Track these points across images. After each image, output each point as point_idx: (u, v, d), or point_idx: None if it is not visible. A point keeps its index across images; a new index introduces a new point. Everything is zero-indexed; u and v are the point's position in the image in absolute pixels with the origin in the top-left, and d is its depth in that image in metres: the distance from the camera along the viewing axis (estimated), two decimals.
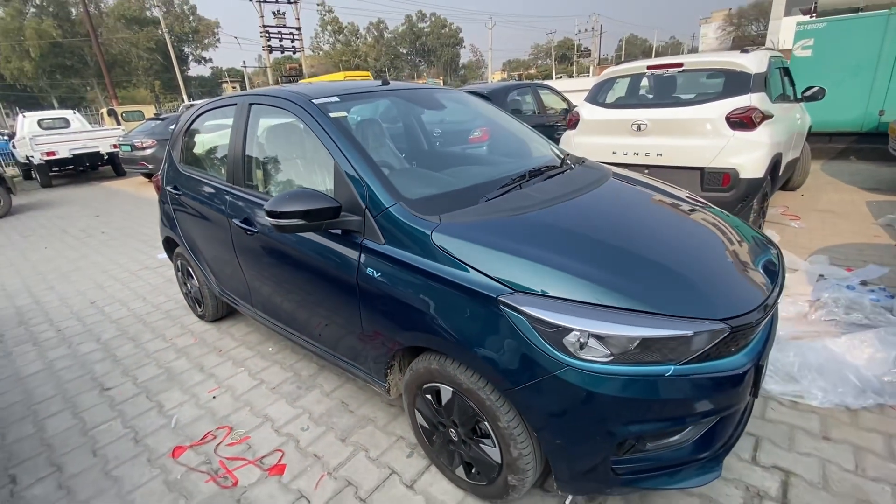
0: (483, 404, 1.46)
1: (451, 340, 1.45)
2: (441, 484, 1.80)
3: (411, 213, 1.61)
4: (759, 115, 3.35)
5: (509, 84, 6.50)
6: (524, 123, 2.76)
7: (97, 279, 4.49)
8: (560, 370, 1.27)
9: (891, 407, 2.02)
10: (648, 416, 1.30)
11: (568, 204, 1.74)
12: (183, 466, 2.01)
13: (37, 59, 38.22)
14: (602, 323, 1.25)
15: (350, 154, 1.77)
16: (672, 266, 1.43)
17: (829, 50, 7.00)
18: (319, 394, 2.43)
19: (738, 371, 1.34)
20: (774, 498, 1.64)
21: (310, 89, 2.15)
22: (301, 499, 1.79)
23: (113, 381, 2.72)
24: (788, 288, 3.12)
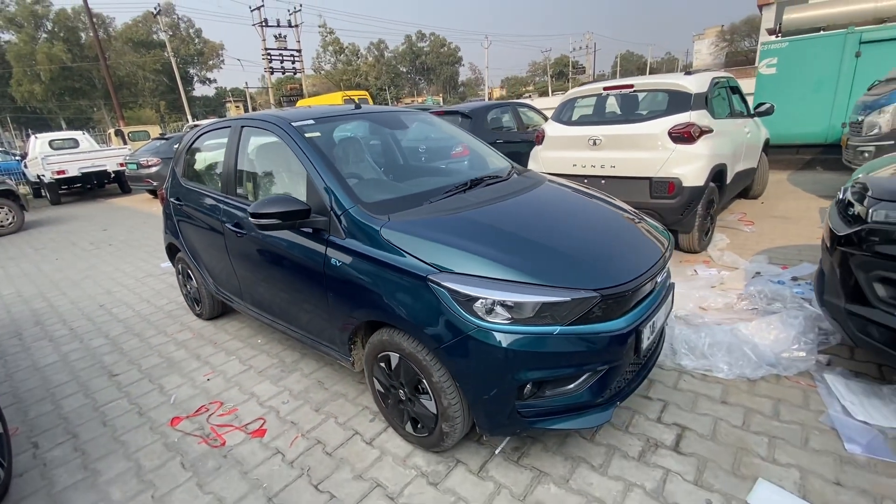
0: (421, 364, 1.81)
1: (395, 313, 1.82)
2: (395, 441, 2.15)
3: (366, 213, 2.00)
4: (697, 129, 3.75)
5: (490, 103, 6.96)
6: (480, 140, 3.15)
7: (105, 285, 4.87)
8: (472, 330, 1.64)
9: (786, 377, 2.36)
10: (542, 366, 1.66)
11: (494, 205, 2.13)
12: (180, 432, 2.36)
13: (47, 82, 39.41)
14: (501, 292, 1.62)
15: (319, 167, 2.17)
16: (561, 249, 1.81)
17: (792, 67, 7.46)
18: (300, 375, 2.78)
19: (617, 332, 1.70)
20: (668, 447, 1.97)
21: (291, 114, 2.56)
22: (277, 454, 2.14)
23: (120, 368, 3.08)
24: (725, 283, 3.49)
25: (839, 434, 1.95)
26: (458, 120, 6.39)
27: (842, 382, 2.21)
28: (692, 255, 4.18)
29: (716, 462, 1.87)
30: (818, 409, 2.12)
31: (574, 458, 1.95)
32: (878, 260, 1.88)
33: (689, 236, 4.04)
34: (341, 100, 16.56)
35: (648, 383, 2.41)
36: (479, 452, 2.03)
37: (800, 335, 2.51)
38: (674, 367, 2.51)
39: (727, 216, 5.33)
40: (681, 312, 3.04)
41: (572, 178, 4.33)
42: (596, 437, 2.06)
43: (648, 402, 2.27)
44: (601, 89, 4.46)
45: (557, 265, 1.74)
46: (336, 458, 2.08)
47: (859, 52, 6.89)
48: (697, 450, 1.94)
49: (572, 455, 1.97)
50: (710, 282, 3.50)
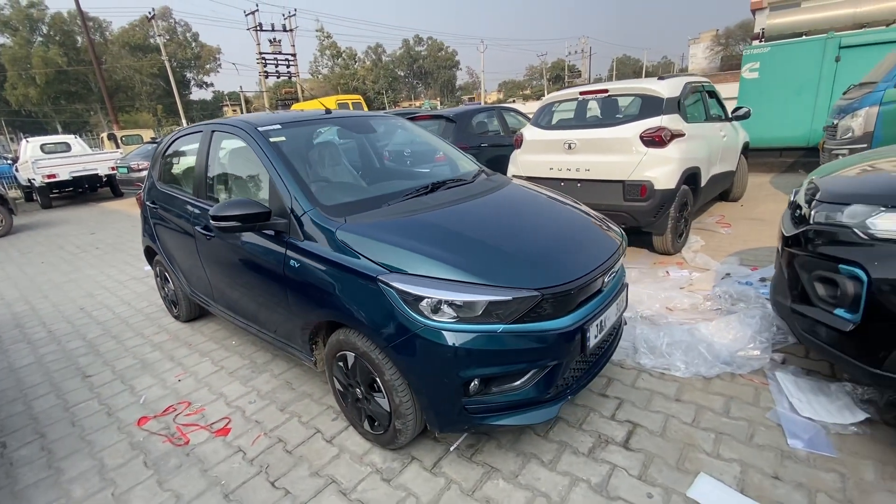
0: (374, 363, 1.86)
1: (348, 313, 1.87)
2: (354, 438, 2.19)
3: (324, 215, 2.04)
4: (668, 133, 3.82)
5: (474, 108, 7.02)
6: (450, 143, 3.20)
7: (88, 288, 4.91)
8: (419, 329, 1.68)
9: (741, 375, 2.41)
10: (486, 363, 1.70)
11: (451, 208, 2.18)
12: (146, 432, 2.40)
13: (42, 86, 39.41)
14: (445, 292, 1.67)
15: (280, 170, 2.22)
16: (508, 249, 1.87)
17: (774, 72, 7.56)
18: (269, 376, 2.82)
19: (561, 330, 1.75)
20: (619, 443, 2.02)
21: (258, 118, 2.61)
22: (239, 452, 2.18)
23: (94, 370, 3.12)
24: (694, 284, 3.54)
25: (783, 430, 2.00)
26: (443, 124, 6.45)
27: (791, 380, 2.26)
28: (667, 256, 4.24)
29: (662, 457, 1.91)
30: (767, 405, 2.17)
31: (526, 454, 2.00)
32: (818, 260, 1.93)
33: (663, 238, 4.10)
34: (335, 104, 16.66)
35: (607, 381, 2.47)
36: (434, 449, 2.07)
37: (756, 334, 2.56)
38: (634, 366, 2.57)
39: (706, 218, 5.40)
40: (647, 313, 3.09)
41: (549, 182, 4.42)
42: (549, 434, 2.11)
43: (605, 400, 2.32)
44: (578, 94, 4.53)
45: (502, 265, 1.79)
46: (295, 455, 2.12)
47: (839, 56, 7.00)
48: (646, 446, 1.99)
49: (524, 451, 2.01)
50: (680, 283, 3.56)
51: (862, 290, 1.71)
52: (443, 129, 6.41)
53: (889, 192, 1.82)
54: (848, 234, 1.82)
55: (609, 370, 2.56)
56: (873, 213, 1.78)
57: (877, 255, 1.69)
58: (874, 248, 1.72)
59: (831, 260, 1.86)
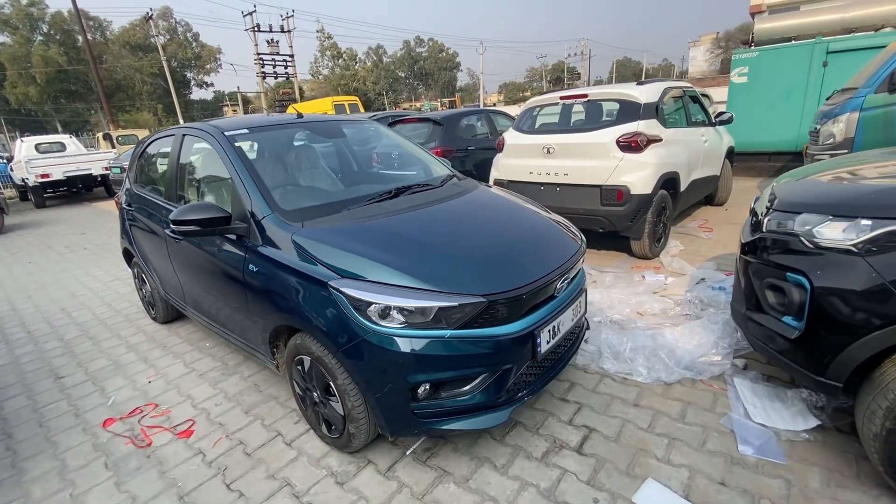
0: (327, 367, 1.88)
1: (302, 317, 1.89)
2: (314, 442, 2.21)
3: (282, 220, 2.07)
4: (644, 139, 3.84)
5: (462, 111, 7.04)
6: (423, 147, 3.22)
7: (72, 289, 4.93)
8: (367, 334, 1.70)
9: (701, 381, 2.42)
10: (434, 368, 1.72)
11: (410, 213, 2.20)
12: (110, 433, 2.42)
13: (42, 85, 39.46)
14: (392, 297, 1.69)
15: (242, 174, 2.24)
16: (459, 255, 1.89)
17: (762, 76, 7.58)
18: (238, 378, 2.84)
19: (509, 336, 1.77)
20: (572, 448, 2.04)
21: (225, 122, 2.63)
22: (199, 454, 2.20)
23: (67, 371, 3.13)
24: (667, 289, 3.56)
25: (735, 436, 2.02)
26: (431, 127, 6.48)
27: (748, 386, 2.28)
28: (644, 260, 4.26)
29: (613, 463, 1.93)
30: (723, 411, 2.19)
31: (480, 458, 2.02)
32: (768, 268, 1.95)
33: (640, 243, 4.12)
34: (331, 105, 16.71)
35: (569, 386, 2.48)
36: (391, 453, 2.09)
37: (718, 340, 2.58)
38: (597, 371, 2.58)
39: (689, 223, 5.41)
40: (616, 317, 3.11)
41: (529, 186, 4.45)
42: (506, 438, 2.12)
43: (564, 405, 2.33)
44: (558, 98, 4.55)
45: (450, 271, 1.81)
46: (254, 458, 2.14)
47: (826, 61, 7.01)
48: (599, 451, 2.01)
49: (479, 455, 2.03)
50: (654, 287, 3.58)
51: (806, 298, 1.73)
52: (430, 132, 6.44)
53: (836, 201, 1.84)
54: (796, 242, 1.84)
55: (572, 374, 2.57)
56: (820, 223, 1.80)
57: (820, 264, 1.71)
58: (818, 257, 1.73)
59: (780, 268, 1.87)
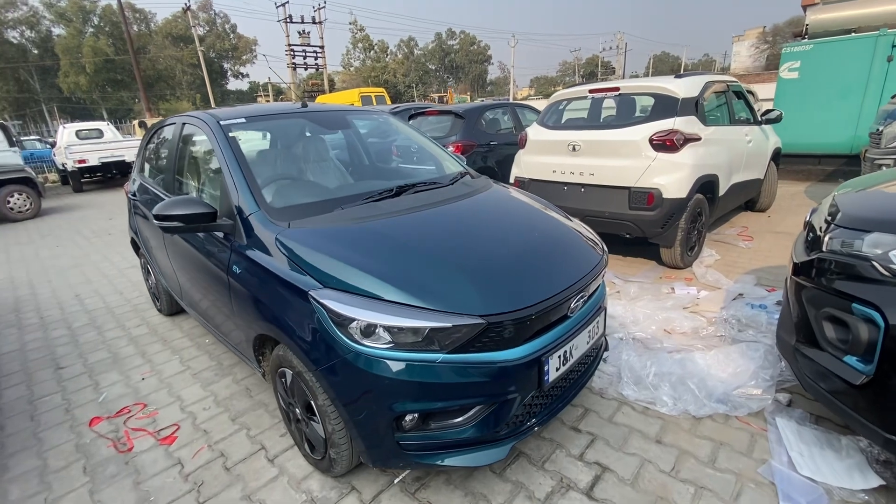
0: (308, 384, 1.69)
1: (282, 328, 1.70)
2: (297, 460, 2.03)
3: (268, 219, 1.88)
4: (681, 137, 3.48)
5: (486, 104, 6.75)
6: (435, 142, 2.98)
7: (89, 275, 4.96)
8: (348, 354, 1.50)
9: (736, 417, 2.12)
10: (423, 397, 1.50)
11: (409, 215, 1.97)
12: (94, 433, 2.32)
13: (91, 74, 41.28)
14: (376, 314, 1.48)
15: (232, 168, 2.07)
16: (456, 268, 1.64)
17: (816, 72, 6.96)
18: (231, 380, 2.71)
19: (512, 363, 1.53)
20: (581, 490, 1.79)
21: (223, 112, 2.47)
22: (177, 464, 2.06)
23: (68, 361, 3.09)
24: (699, 305, 3.22)
25: (777, 489, 1.72)
26: (452, 120, 6.23)
27: (794, 428, 1.96)
28: (675, 270, 3.91)
29: None
30: (762, 457, 1.88)
31: (475, 494, 1.79)
32: (828, 295, 1.64)
33: (671, 251, 3.77)
34: (358, 96, 16.65)
35: (583, 412, 2.22)
36: (378, 480, 1.89)
37: (759, 370, 2.26)
38: (615, 397, 2.31)
39: (726, 230, 4.99)
40: (640, 334, 2.81)
41: (552, 185, 4.15)
42: (506, 472, 1.89)
43: (576, 436, 2.08)
44: (587, 91, 4.22)
45: (446, 285, 1.58)
46: (233, 473, 1.99)
47: (892, 56, 6.35)
48: (612, 496, 1.75)
49: (474, 491, 1.81)
50: (684, 302, 3.25)
51: (878, 337, 1.42)
52: (452, 126, 6.20)
53: None
54: (867, 267, 1.52)
55: (587, 399, 2.31)
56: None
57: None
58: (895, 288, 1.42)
59: (844, 297, 1.56)
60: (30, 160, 14.59)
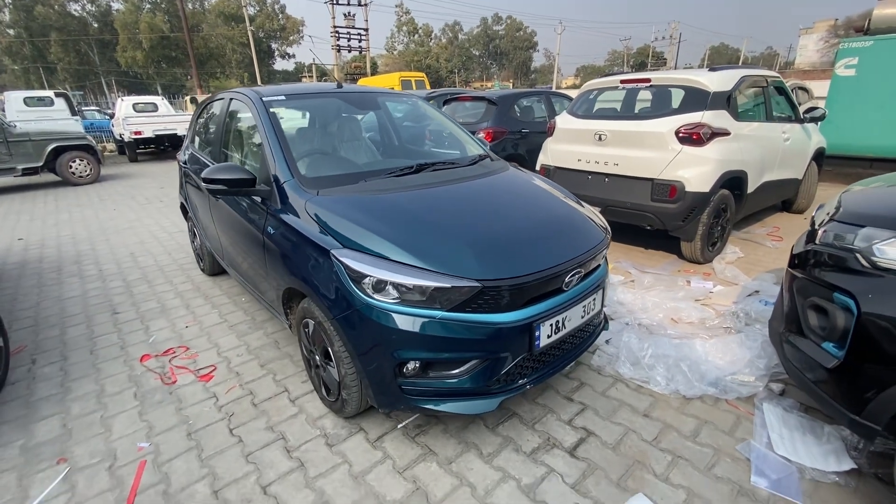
0: (327, 332, 1.92)
1: (307, 282, 1.94)
2: (315, 402, 2.29)
3: (300, 186, 2.11)
4: (708, 131, 3.48)
5: (520, 91, 6.78)
6: (459, 125, 3.13)
7: (142, 236, 5.44)
8: (361, 306, 1.71)
9: (726, 401, 2.21)
10: (422, 347, 1.70)
11: (426, 190, 2.16)
12: (144, 367, 2.66)
13: (147, 50, 43.32)
14: (385, 272, 1.68)
15: (271, 139, 2.31)
16: (461, 237, 1.82)
17: (875, 70, 6.58)
18: (262, 334, 3.01)
19: (505, 325, 1.71)
20: (565, 449, 1.95)
21: (266, 89, 2.71)
22: (212, 397, 2.36)
23: (123, 308, 3.48)
24: (712, 298, 3.27)
25: (751, 465, 1.82)
26: (486, 106, 6.32)
27: (779, 414, 2.04)
28: (694, 265, 3.93)
29: (605, 471, 1.82)
30: (744, 437, 1.98)
31: (468, 443, 1.99)
32: (815, 285, 1.71)
33: (691, 245, 3.79)
34: (398, 80, 16.84)
35: (578, 385, 2.37)
36: (383, 424, 2.12)
37: (754, 359, 2.33)
38: (611, 374, 2.44)
39: (757, 228, 4.91)
40: (646, 321, 2.91)
41: (576, 174, 4.23)
42: (498, 428, 2.08)
43: (568, 404, 2.23)
44: (618, 82, 4.23)
45: (450, 251, 1.76)
46: (259, 409, 2.26)
47: None
48: (593, 456, 1.90)
49: (467, 440, 2.00)
50: (696, 294, 3.29)
51: (851, 324, 1.50)
52: (484, 112, 6.29)
53: None
54: (850, 259, 1.59)
55: (583, 374, 2.45)
56: (885, 239, 1.53)
57: (872, 287, 1.47)
58: (872, 279, 1.49)
59: (827, 287, 1.63)
60: (90, 129, 15.63)
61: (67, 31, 41.74)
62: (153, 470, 1.90)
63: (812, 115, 4.78)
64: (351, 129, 2.90)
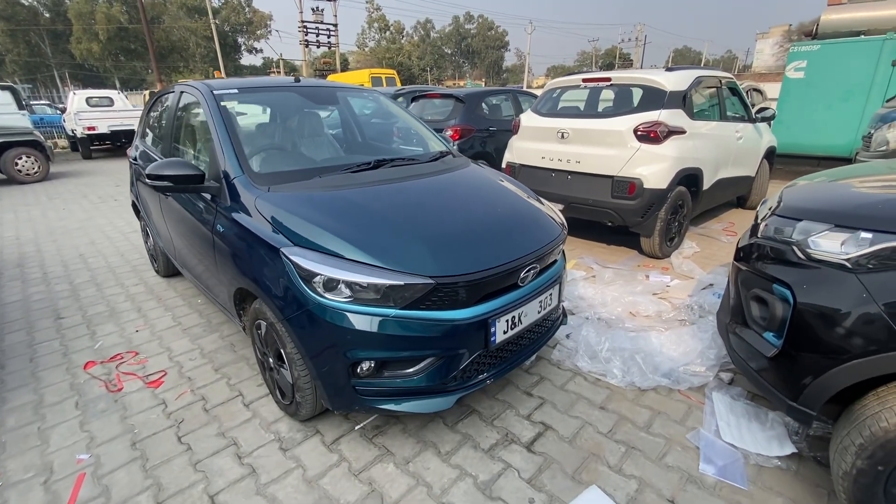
0: (279, 334, 1.86)
1: (258, 282, 1.87)
2: (270, 406, 2.22)
3: (250, 183, 2.04)
4: (665, 129, 3.57)
5: (487, 89, 6.81)
6: (421, 121, 3.10)
7: (93, 237, 5.17)
8: (312, 305, 1.67)
9: (678, 391, 2.27)
10: (376, 347, 1.67)
11: (381, 186, 2.12)
12: (88, 375, 2.52)
13: (104, 42, 41.23)
14: (337, 270, 1.64)
15: (221, 134, 2.22)
16: (417, 233, 1.80)
17: (821, 73, 6.94)
18: (217, 336, 2.90)
19: (459, 322, 1.69)
20: (523, 444, 1.96)
21: (218, 82, 2.61)
22: (161, 404, 2.26)
23: (68, 313, 3.29)
24: (669, 292, 3.36)
25: (700, 453, 1.88)
26: (452, 104, 6.31)
27: (727, 402, 2.12)
28: (654, 260, 4.04)
29: (560, 464, 1.84)
30: (694, 426, 2.04)
31: (426, 442, 1.97)
32: (756, 277, 1.77)
33: (650, 241, 3.90)
34: (368, 77, 16.63)
35: (538, 380, 2.39)
36: (340, 426, 2.07)
37: (705, 350, 2.41)
38: (570, 368, 2.47)
39: (713, 224, 5.09)
40: (605, 315, 2.96)
41: (540, 172, 4.27)
42: (458, 426, 2.07)
43: (527, 399, 2.24)
44: (580, 81, 4.30)
45: (403, 248, 1.73)
46: (211, 414, 2.18)
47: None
48: (549, 450, 1.92)
49: (426, 439, 1.99)
50: (654, 288, 3.38)
51: (788, 314, 1.56)
52: (452, 110, 6.28)
53: (842, 210, 1.63)
54: (788, 251, 1.65)
55: (543, 368, 2.47)
56: (819, 232, 1.60)
57: (807, 278, 1.53)
58: (807, 270, 1.55)
59: (768, 279, 1.70)
60: (39, 125, 14.78)
61: (16, 21, 39.27)
62: (92, 483, 1.80)
63: (763, 115, 4.99)
64: (311, 124, 2.82)
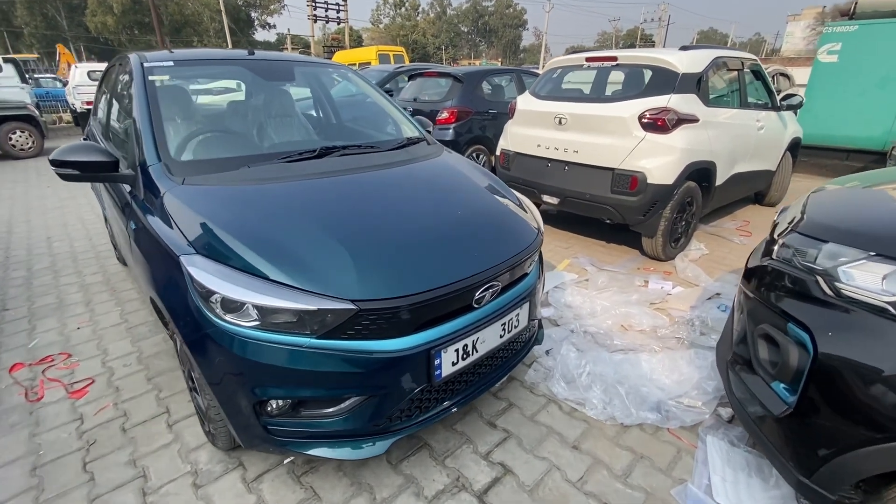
0: (187, 356, 1.57)
1: (158, 293, 1.57)
2: (195, 428, 1.95)
3: (165, 173, 1.72)
4: (674, 117, 3.15)
5: (488, 68, 6.35)
6: (393, 103, 2.74)
7: (68, 219, 4.95)
8: (209, 329, 1.36)
9: (668, 430, 1.94)
10: (286, 382, 1.37)
11: (318, 180, 1.79)
12: (12, 380, 2.28)
13: (118, 15, 40.93)
14: (238, 288, 1.32)
15: (142, 114, 1.90)
16: (341, 245, 1.46)
17: (857, 57, 6.32)
18: (162, 339, 2.64)
19: (391, 354, 1.38)
20: (474, 492, 1.66)
21: (153, 54, 2.28)
22: (78, 420, 2.01)
23: (14, 304, 3.06)
24: (668, 302, 3.00)
25: None
26: (450, 83, 5.89)
27: (723, 450, 1.78)
28: (656, 262, 3.66)
29: None
30: (682, 477, 1.72)
31: (362, 485, 1.68)
32: (766, 309, 1.41)
33: (652, 241, 3.51)
34: (375, 54, 16.09)
35: (506, 406, 2.08)
36: (267, 459, 1.79)
37: (703, 380, 2.06)
38: (545, 393, 2.15)
39: (727, 222, 4.66)
40: (593, 329, 2.62)
41: (536, 161, 3.88)
42: (402, 465, 1.77)
43: (490, 431, 1.94)
44: (583, 60, 3.86)
45: (324, 264, 1.41)
46: (128, 436, 1.92)
47: None
48: (505, 502, 1.62)
49: (362, 481, 1.70)
50: (653, 297, 3.02)
51: (806, 365, 1.21)
52: (449, 90, 5.86)
53: (882, 231, 1.26)
54: (811, 282, 1.29)
55: (514, 392, 2.16)
56: (853, 260, 1.24)
57: (835, 321, 1.17)
58: (834, 311, 1.19)
59: (781, 315, 1.34)
60: (45, 98, 14.70)
61: None
62: None
63: (789, 103, 4.49)
64: (264, 104, 2.48)
